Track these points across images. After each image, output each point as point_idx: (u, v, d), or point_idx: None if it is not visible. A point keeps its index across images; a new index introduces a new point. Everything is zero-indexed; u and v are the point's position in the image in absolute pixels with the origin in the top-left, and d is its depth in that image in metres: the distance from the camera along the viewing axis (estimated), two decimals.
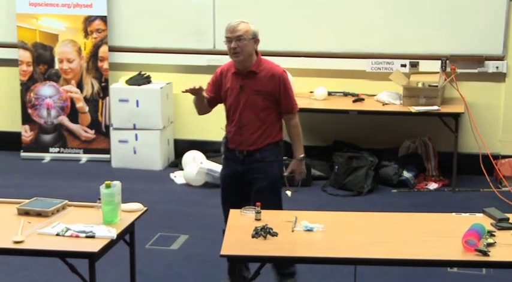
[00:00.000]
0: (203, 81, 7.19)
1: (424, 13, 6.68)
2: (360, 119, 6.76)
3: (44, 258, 3.63)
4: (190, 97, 4.45)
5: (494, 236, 3.47)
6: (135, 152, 7.00)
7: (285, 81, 4.28)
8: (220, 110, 7.21)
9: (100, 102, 7.21)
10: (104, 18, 7.08)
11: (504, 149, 6.76)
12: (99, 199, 3.67)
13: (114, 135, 7.03)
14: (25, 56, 7.15)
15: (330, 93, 6.76)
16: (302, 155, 4.37)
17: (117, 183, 3.66)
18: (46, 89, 7.22)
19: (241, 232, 3.55)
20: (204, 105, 4.42)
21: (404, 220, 3.82)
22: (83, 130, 7.26)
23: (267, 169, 4.30)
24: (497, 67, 6.63)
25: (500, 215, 3.70)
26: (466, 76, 6.64)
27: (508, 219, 3.67)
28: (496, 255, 3.29)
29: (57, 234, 3.48)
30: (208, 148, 7.12)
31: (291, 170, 4.40)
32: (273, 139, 4.31)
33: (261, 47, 6.95)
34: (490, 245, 3.36)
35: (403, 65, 6.74)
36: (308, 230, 3.60)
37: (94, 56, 7.14)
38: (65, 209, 3.83)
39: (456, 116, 6.29)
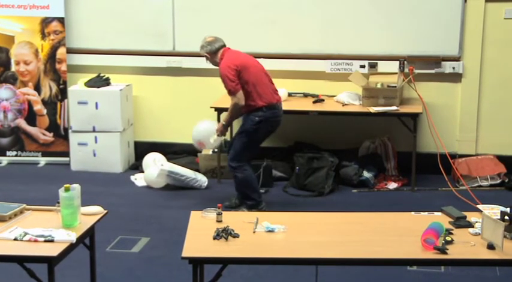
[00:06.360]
0: (163, 82, 7.24)
1: (382, 15, 6.75)
2: (320, 119, 6.80)
3: (1, 263, 3.57)
4: (150, 99, 4.42)
5: (452, 234, 3.52)
6: (94, 155, 6.93)
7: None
8: (180, 113, 7.20)
9: (58, 104, 7.12)
10: (61, 20, 7.00)
11: (461, 148, 6.87)
12: (58, 202, 3.62)
13: (73, 138, 6.95)
14: None
15: (290, 94, 6.79)
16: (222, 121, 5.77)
17: (76, 187, 3.62)
18: (2, 92, 7.10)
19: (202, 234, 3.54)
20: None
21: (364, 220, 3.85)
22: (41, 133, 7.16)
23: None
24: (453, 68, 6.73)
25: (457, 214, 3.75)
26: (424, 76, 6.73)
27: (466, 217, 3.72)
28: (454, 253, 3.33)
29: (15, 239, 3.43)
30: (168, 150, 7.09)
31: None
32: None
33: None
34: (448, 243, 3.40)
35: (362, 66, 6.80)
36: (269, 231, 3.61)
37: (52, 58, 7.05)
38: (23, 213, 3.78)
39: (414, 116, 6.36)
